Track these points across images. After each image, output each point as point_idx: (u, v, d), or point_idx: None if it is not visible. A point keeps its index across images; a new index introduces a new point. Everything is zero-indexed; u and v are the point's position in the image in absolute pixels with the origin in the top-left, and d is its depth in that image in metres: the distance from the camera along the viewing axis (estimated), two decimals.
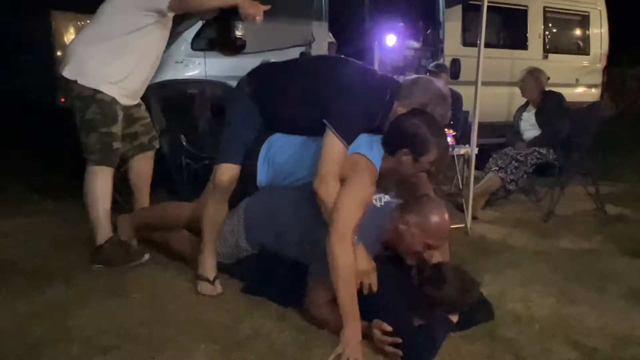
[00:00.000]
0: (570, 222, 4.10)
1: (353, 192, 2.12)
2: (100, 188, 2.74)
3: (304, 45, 4.77)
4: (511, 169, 4.22)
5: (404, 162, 2.24)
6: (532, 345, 2.15)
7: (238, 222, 2.56)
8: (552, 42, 6.44)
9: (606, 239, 3.70)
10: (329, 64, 2.52)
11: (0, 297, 2.33)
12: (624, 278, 2.95)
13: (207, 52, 4.40)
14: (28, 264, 2.71)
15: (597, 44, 6.71)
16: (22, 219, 3.46)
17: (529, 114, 4.60)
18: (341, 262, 2.01)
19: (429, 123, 2.21)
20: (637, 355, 2.12)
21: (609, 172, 5.66)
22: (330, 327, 2.13)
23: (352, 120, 2.24)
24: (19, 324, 2.11)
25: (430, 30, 5.87)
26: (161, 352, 1.95)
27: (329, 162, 2.17)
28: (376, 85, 2.36)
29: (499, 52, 5.92)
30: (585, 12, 6.62)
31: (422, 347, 1.99)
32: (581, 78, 6.59)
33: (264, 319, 2.25)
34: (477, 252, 3.28)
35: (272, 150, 2.53)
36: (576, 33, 6.74)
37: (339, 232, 2.04)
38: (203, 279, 2.50)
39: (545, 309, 2.51)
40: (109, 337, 2.03)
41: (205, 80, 4.28)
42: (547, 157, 4.31)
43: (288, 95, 2.44)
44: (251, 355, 1.97)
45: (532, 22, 6.25)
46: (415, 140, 2.19)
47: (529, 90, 4.59)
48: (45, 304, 2.28)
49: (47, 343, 1.97)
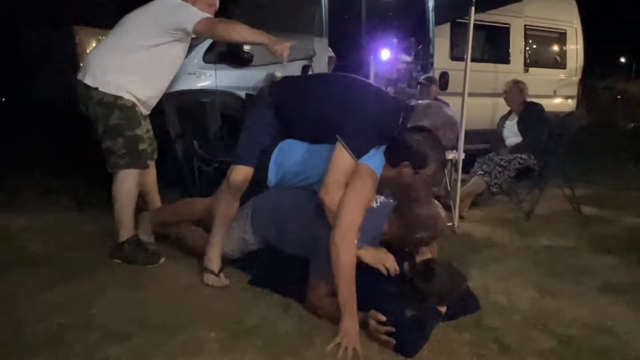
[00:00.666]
0: (549, 222, 4.10)
1: (356, 196, 2.12)
2: (130, 192, 2.70)
3: (306, 59, 4.78)
4: (495, 173, 4.23)
5: (404, 173, 2.24)
6: (514, 334, 2.15)
7: (246, 218, 2.56)
8: (532, 56, 6.45)
9: (581, 236, 3.70)
10: (347, 85, 2.46)
11: (27, 288, 2.33)
12: (597, 273, 2.95)
13: (217, 65, 4.41)
14: (52, 258, 2.71)
15: (573, 59, 6.72)
16: (48, 216, 3.46)
17: (512, 122, 4.61)
18: (343, 260, 2.01)
19: (430, 140, 2.21)
20: (609, 343, 2.12)
21: (584, 176, 5.66)
22: (329, 317, 2.12)
23: (365, 139, 2.23)
24: (44, 312, 2.11)
25: (421, 46, 5.89)
26: (174, 339, 1.95)
27: (336, 174, 2.17)
28: (390, 109, 2.34)
29: (484, 66, 5.93)
30: (562, 29, 6.63)
31: (413, 336, 1.99)
32: (559, 90, 6.60)
33: (269, 309, 2.25)
34: (463, 248, 3.28)
35: (282, 154, 2.54)
36: (554, 49, 6.75)
37: (343, 232, 2.04)
38: (209, 271, 2.50)
39: (526, 300, 2.51)
40: (127, 325, 2.03)
41: (216, 90, 4.28)
42: (528, 162, 4.32)
43: (306, 110, 2.43)
44: (257, 342, 1.97)
45: (514, 38, 6.25)
46: (417, 155, 2.19)
47: (513, 100, 4.60)
48: (68, 295, 2.28)
49: (69, 330, 1.98)
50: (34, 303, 2.18)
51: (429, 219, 2.27)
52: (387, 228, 2.30)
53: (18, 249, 2.82)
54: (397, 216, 2.30)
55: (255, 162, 2.47)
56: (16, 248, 2.83)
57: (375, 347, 1.98)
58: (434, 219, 2.28)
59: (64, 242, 2.97)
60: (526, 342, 2.09)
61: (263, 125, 2.49)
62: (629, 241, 3.63)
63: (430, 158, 2.19)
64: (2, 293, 2.26)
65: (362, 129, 2.22)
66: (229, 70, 4.49)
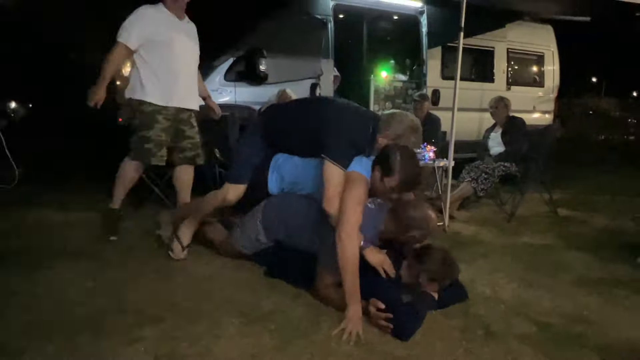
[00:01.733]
0: (529, 222, 4.07)
1: (354, 199, 2.12)
2: (128, 175, 2.94)
3: (314, 78, 4.81)
4: (481, 180, 4.21)
5: (375, 176, 2.22)
6: (499, 321, 2.14)
7: (256, 221, 2.55)
8: (514, 76, 6.44)
9: (558, 235, 3.68)
10: (323, 107, 2.48)
11: (70, 275, 2.34)
12: (573, 268, 2.93)
13: (236, 83, 4.44)
14: (94, 250, 2.73)
15: (550, 78, 6.71)
16: (90, 213, 3.45)
17: (496, 134, 4.59)
18: (349, 254, 2.02)
19: (404, 156, 2.18)
20: (584, 330, 2.10)
21: (560, 182, 5.63)
22: (334, 304, 2.12)
23: (344, 150, 2.24)
24: (85, 297, 2.12)
25: (415, 66, 5.89)
26: (198, 323, 1.96)
27: (333, 187, 2.18)
28: (360, 122, 2.34)
29: (471, 84, 5.93)
30: (540, 52, 6.62)
31: (409, 321, 1.98)
32: (537, 106, 6.59)
33: (281, 297, 2.25)
34: (453, 245, 3.25)
35: (279, 163, 2.60)
36: (533, 69, 6.73)
37: (347, 231, 2.04)
38: (179, 240, 2.60)
39: (509, 292, 2.50)
40: (157, 310, 2.04)
41: (235, 104, 4.32)
42: (511, 169, 4.29)
43: (289, 132, 2.49)
44: (271, 326, 1.97)
45: (497, 60, 6.26)
46: (386, 162, 2.17)
47: (498, 115, 4.58)
48: (106, 282, 2.29)
49: (107, 313, 1.99)
50: (77, 289, 2.20)
51: (421, 220, 2.26)
52: (384, 227, 2.29)
53: (62, 242, 2.83)
54: (393, 217, 2.29)
55: (247, 181, 2.58)
56: (60, 241, 2.85)
57: (375, 332, 1.97)
58: (425, 220, 2.27)
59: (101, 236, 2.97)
60: (509, 329, 2.08)
61: (254, 149, 2.59)
62: (600, 239, 3.61)
63: (396, 170, 2.15)
64: (50, 280, 2.28)
65: (340, 143, 2.24)
66: (247, 87, 4.53)
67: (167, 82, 2.87)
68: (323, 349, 1.82)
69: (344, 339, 1.88)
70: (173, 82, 2.89)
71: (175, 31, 2.89)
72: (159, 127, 2.87)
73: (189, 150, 3.08)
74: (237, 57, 4.52)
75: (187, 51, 2.97)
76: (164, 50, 2.84)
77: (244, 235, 2.58)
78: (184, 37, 2.94)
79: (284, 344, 1.83)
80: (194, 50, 3.03)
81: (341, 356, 1.79)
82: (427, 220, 2.27)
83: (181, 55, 2.91)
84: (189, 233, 2.66)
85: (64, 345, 1.73)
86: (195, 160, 3.14)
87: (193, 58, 3.04)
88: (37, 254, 2.59)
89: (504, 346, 1.93)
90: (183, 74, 2.94)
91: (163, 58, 2.85)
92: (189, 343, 1.80)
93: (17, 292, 2.13)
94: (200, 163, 3.20)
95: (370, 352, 1.83)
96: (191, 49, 3.01)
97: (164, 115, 2.89)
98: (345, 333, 1.90)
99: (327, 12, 4.93)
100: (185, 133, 3.04)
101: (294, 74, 4.70)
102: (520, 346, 1.93)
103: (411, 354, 1.84)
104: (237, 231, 2.63)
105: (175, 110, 2.94)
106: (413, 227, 2.25)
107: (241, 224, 2.62)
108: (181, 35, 2.92)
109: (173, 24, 2.90)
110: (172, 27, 2.88)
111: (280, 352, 1.79)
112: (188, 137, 3.06)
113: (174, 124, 2.97)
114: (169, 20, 2.88)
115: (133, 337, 1.81)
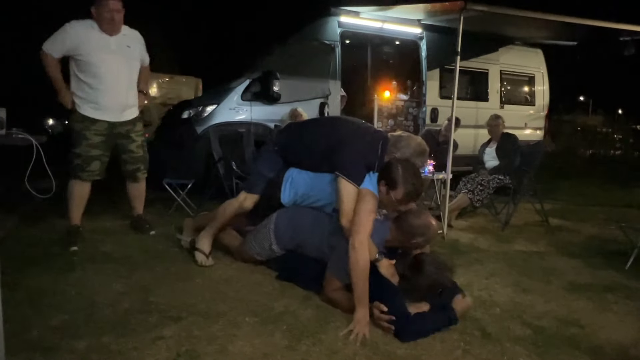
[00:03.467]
0: (522, 230, 4.02)
1: (365, 213, 2.11)
2: (73, 192, 2.86)
3: (323, 97, 4.85)
4: (477, 191, 4.18)
5: (381, 191, 2.20)
6: (495, 324, 2.11)
7: (269, 232, 2.54)
8: (507, 95, 6.42)
9: (550, 243, 3.63)
10: (336, 128, 2.48)
11: (99, 278, 2.35)
12: (564, 273, 2.88)
13: (252, 102, 4.49)
14: (120, 255, 2.73)
15: (540, 97, 6.67)
16: (118, 221, 3.50)
17: (491, 149, 4.57)
18: (361, 262, 2.01)
19: (407, 170, 2.15)
20: (575, 333, 2.07)
21: (551, 193, 5.57)
22: (341, 307, 2.11)
23: (357, 169, 2.24)
24: (113, 299, 2.13)
25: (415, 87, 5.91)
26: (216, 323, 1.95)
27: (349, 203, 2.19)
28: (370, 142, 2.34)
29: (467, 103, 5.91)
30: (531, 74, 6.60)
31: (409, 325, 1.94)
32: (529, 123, 6.54)
33: (292, 300, 2.23)
34: (451, 252, 3.23)
35: (292, 177, 2.58)
36: (525, 89, 6.70)
37: (360, 240, 2.04)
38: (200, 250, 2.57)
39: (504, 296, 2.46)
40: (178, 310, 2.04)
41: (251, 122, 4.35)
42: (504, 181, 4.26)
43: (306, 152, 2.51)
44: (283, 326, 1.96)
45: (491, 81, 6.24)
46: (390, 177, 2.15)
47: (495, 131, 4.57)
48: (132, 285, 2.30)
49: (133, 313, 1.99)
50: (105, 291, 2.20)
51: (422, 228, 2.25)
52: (389, 236, 2.28)
53: (92, 247, 2.84)
54: (397, 226, 2.29)
55: (261, 191, 2.61)
56: (91, 246, 2.86)
57: (379, 332, 1.95)
58: (427, 228, 2.26)
59: (127, 242, 2.99)
60: (505, 331, 2.05)
61: (270, 163, 2.62)
62: (590, 247, 3.56)
63: (400, 184, 2.12)
64: (80, 282, 2.29)
65: (353, 161, 2.25)
66: (262, 106, 4.57)
67: (95, 98, 2.74)
68: (331, 348, 1.80)
69: (351, 339, 1.86)
70: (101, 98, 2.75)
71: (103, 50, 2.72)
72: (86, 142, 2.78)
73: (129, 164, 2.98)
74: (253, 79, 4.58)
75: (118, 66, 2.78)
76: (90, 68, 2.71)
77: (258, 244, 2.58)
78: (113, 54, 2.76)
79: (294, 343, 1.82)
80: (129, 64, 2.85)
81: (347, 355, 1.77)
82: (429, 227, 2.27)
83: (109, 72, 2.74)
84: (208, 241, 2.64)
85: (93, 343, 1.73)
86: (136, 175, 3.00)
87: (127, 71, 2.85)
88: (69, 259, 2.60)
89: (500, 347, 1.90)
90: (113, 90, 2.78)
91: (89, 75, 2.72)
92: (207, 341, 1.79)
93: (53, 292, 2.15)
94: (142, 178, 3.06)
95: (374, 352, 1.81)
96: (125, 63, 2.82)
97: (94, 131, 2.78)
98: (352, 334, 1.88)
99: (335, 38, 4.99)
100: (125, 147, 2.94)
101: (305, 94, 4.75)
102: (515, 348, 1.90)
103: (412, 353, 1.82)
104: (251, 240, 2.63)
105: (108, 124, 2.82)
106: (416, 234, 2.24)
107: (255, 233, 2.62)
108: (109, 54, 2.74)
109: (100, 42, 2.73)
110: (99, 46, 2.72)
111: (291, 351, 1.77)
112: (128, 151, 2.95)
113: (109, 138, 2.86)
114: (96, 37, 2.72)
115: (156, 336, 1.81)
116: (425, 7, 4.70)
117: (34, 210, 3.41)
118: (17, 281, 2.17)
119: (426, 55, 5.54)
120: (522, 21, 4.50)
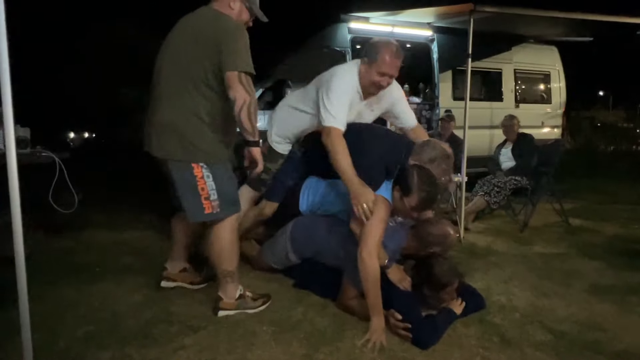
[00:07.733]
0: (541, 232, 3.96)
1: (376, 219, 2.10)
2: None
3: None
4: (494, 194, 4.14)
5: (395, 197, 2.18)
6: (514, 329, 2.09)
7: (285, 241, 2.56)
8: (521, 94, 6.33)
9: (570, 244, 3.56)
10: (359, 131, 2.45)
11: (121, 290, 2.41)
12: (585, 276, 2.83)
13: (265, 110, 4.53)
14: (141, 266, 2.79)
15: (557, 95, 6.56)
16: (138, 232, 3.58)
17: (507, 149, 4.52)
18: (370, 270, 2.00)
19: (421, 177, 2.11)
20: (598, 337, 2.02)
21: (571, 192, 5.47)
22: (358, 315, 2.12)
23: (376, 173, 2.25)
24: (135, 309, 2.18)
25: (428, 89, 5.89)
26: (235, 332, 1.98)
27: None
28: (393, 148, 2.35)
29: (481, 104, 5.86)
30: (547, 71, 6.50)
31: (426, 331, 1.94)
32: (545, 121, 6.44)
33: (309, 308, 2.25)
34: (468, 255, 3.20)
35: (310, 187, 2.62)
36: (540, 87, 6.60)
37: (369, 249, 2.03)
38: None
39: (524, 300, 2.43)
40: (198, 320, 2.08)
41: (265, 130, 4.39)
42: (522, 182, 4.21)
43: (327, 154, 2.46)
44: (300, 334, 1.97)
45: (505, 80, 6.17)
46: (404, 182, 2.13)
47: (510, 131, 4.53)
48: (153, 296, 2.35)
49: (154, 323, 2.03)
50: (127, 302, 2.26)
51: (440, 237, 2.25)
52: (406, 243, 2.28)
53: (113, 259, 2.92)
54: (414, 234, 2.28)
55: (280, 199, 2.67)
56: (112, 259, 2.94)
57: (397, 339, 1.95)
58: (444, 237, 2.25)
59: (148, 253, 3.05)
60: (525, 337, 2.02)
61: (292, 172, 2.67)
62: (612, 248, 3.47)
63: (414, 191, 2.09)
64: (103, 294, 2.36)
65: (373, 167, 2.25)
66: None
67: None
68: (348, 356, 1.82)
69: (369, 347, 1.87)
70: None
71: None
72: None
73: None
74: (265, 88, 4.64)
75: None
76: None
77: (275, 253, 2.61)
78: None
79: (312, 351, 1.84)
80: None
81: None
82: (446, 236, 2.26)
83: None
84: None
85: (117, 354, 1.78)
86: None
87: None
88: (92, 271, 2.68)
89: (520, 354, 1.87)
90: None
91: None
92: (227, 350, 1.83)
93: (78, 304, 2.21)
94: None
95: (391, 359, 1.81)
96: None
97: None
98: (369, 343, 1.89)
99: (345, 44, 5.02)
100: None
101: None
102: (536, 354, 1.88)
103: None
104: (268, 249, 2.66)
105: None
106: (433, 244, 2.24)
107: (271, 242, 2.65)
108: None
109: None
110: None
111: (309, 359, 1.79)
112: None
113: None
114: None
115: (177, 346, 1.85)
116: (434, 10, 4.71)
117: (58, 224, 3.51)
118: (43, 294, 2.25)
119: (438, 57, 5.53)
120: (534, 19, 4.46)
